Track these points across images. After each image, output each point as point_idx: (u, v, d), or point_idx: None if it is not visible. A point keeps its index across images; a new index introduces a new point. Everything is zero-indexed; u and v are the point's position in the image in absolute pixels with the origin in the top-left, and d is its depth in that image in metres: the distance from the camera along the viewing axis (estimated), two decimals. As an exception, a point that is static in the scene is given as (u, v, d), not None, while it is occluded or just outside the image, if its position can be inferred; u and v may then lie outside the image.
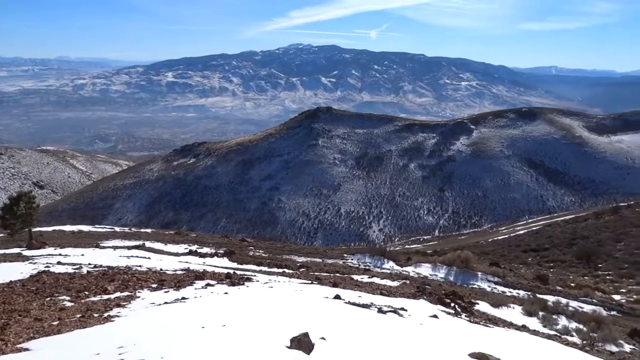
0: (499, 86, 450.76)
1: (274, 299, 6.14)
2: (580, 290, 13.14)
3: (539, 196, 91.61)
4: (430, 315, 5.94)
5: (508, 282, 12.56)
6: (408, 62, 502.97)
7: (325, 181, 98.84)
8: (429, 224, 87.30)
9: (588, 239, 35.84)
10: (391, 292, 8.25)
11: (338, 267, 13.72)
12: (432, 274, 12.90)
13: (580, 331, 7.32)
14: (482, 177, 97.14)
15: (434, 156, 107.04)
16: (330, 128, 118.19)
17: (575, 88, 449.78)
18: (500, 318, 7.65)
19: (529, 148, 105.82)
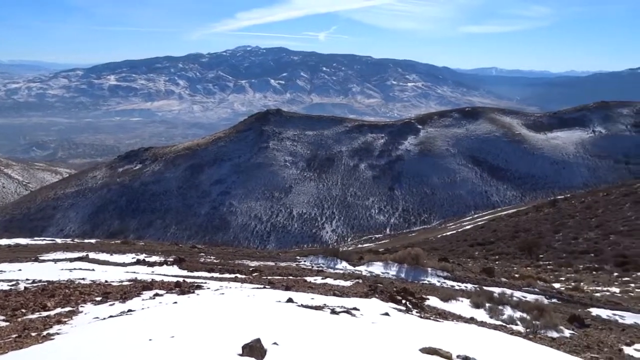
0: (444, 87, 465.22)
1: (225, 305, 6.02)
2: (523, 281, 13.71)
3: (483, 192, 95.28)
4: (382, 313, 6.01)
5: (456, 276, 12.93)
6: (356, 64, 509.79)
7: (276, 184, 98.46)
8: (380, 222, 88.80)
9: (529, 231, 37.58)
10: (344, 292, 8.29)
11: (291, 269, 13.66)
12: (384, 272, 13.08)
13: (524, 320, 7.63)
14: (430, 175, 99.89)
15: (384, 156, 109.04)
16: (281, 130, 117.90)
17: (514, 88, 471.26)
18: (449, 312, 7.85)
19: (473, 146, 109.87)
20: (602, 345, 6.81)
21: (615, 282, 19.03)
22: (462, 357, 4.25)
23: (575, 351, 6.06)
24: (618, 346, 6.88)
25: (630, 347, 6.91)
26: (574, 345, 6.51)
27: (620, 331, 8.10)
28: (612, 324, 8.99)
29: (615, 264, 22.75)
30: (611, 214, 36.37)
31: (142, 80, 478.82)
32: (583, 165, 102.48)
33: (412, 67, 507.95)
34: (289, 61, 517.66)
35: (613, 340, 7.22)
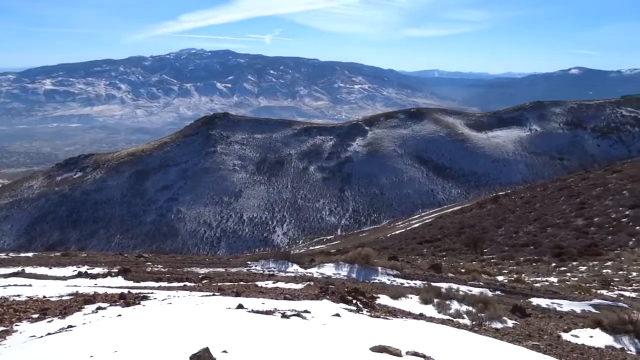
0: (389, 89, 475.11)
1: (172, 315, 5.84)
2: (469, 275, 14.18)
3: (430, 190, 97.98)
4: (333, 314, 6.03)
5: (406, 273, 13.18)
6: (303, 67, 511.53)
7: (225, 188, 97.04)
8: (331, 224, 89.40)
9: (474, 227, 39.00)
10: (295, 295, 8.26)
11: (242, 275, 13.47)
12: (335, 273, 13.15)
13: (470, 313, 7.87)
14: (378, 176, 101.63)
15: (333, 158, 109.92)
16: (229, 134, 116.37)
17: (456, 89, 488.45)
18: (399, 309, 7.99)
19: (419, 146, 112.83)
20: (542, 332, 7.13)
21: (553, 272, 20.07)
22: (411, 353, 4.33)
23: (517, 340, 6.31)
24: (557, 333, 7.23)
25: (568, 333, 7.28)
26: (516, 334, 6.78)
27: (558, 318, 8.53)
28: (551, 312, 9.44)
29: (552, 255, 24.00)
30: (548, 208, 38.35)
31: (81, 84, 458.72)
32: (522, 162, 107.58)
33: (359, 70, 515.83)
34: (235, 64, 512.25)
35: (552, 327, 7.58)
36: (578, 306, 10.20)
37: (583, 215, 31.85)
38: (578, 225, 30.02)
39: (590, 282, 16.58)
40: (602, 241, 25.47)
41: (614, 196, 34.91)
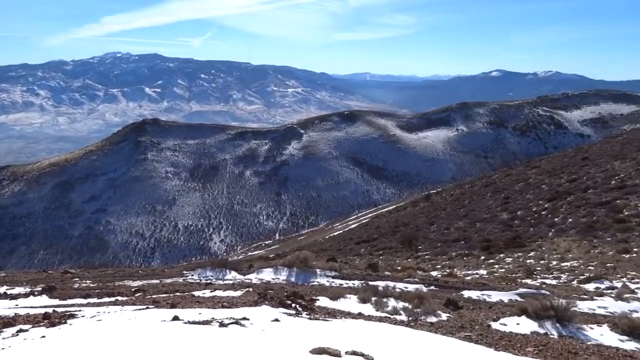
0: (322, 92, 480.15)
1: (102, 333, 5.54)
2: (405, 272, 14.59)
3: (365, 191, 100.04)
4: (272, 319, 5.98)
5: (344, 274, 13.33)
6: (235, 71, 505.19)
7: (158, 197, 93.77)
8: (269, 228, 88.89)
9: (408, 225, 40.24)
10: (233, 303, 8.11)
11: (178, 285, 13.05)
12: (274, 277, 13.06)
13: (406, 309, 8.08)
14: (314, 178, 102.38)
15: (269, 162, 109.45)
16: (160, 140, 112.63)
17: (387, 92, 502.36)
18: (338, 310, 8.05)
19: (353, 148, 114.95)
20: (474, 323, 7.44)
21: (482, 265, 21.09)
22: (350, 352, 4.38)
23: (451, 332, 6.56)
24: (487, 322, 7.57)
25: (497, 322, 7.65)
26: (450, 326, 7.04)
27: (488, 309, 8.94)
28: (481, 303, 9.90)
29: (481, 249, 25.22)
30: (476, 204, 40.32)
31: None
32: (450, 161, 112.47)
33: (291, 73, 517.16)
34: (164, 68, 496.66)
35: (482, 317, 7.93)
36: (505, 296, 10.78)
37: (508, 210, 33.76)
38: (503, 219, 31.78)
39: (515, 272, 17.59)
40: (525, 233, 27.12)
41: (534, 190, 37.31)
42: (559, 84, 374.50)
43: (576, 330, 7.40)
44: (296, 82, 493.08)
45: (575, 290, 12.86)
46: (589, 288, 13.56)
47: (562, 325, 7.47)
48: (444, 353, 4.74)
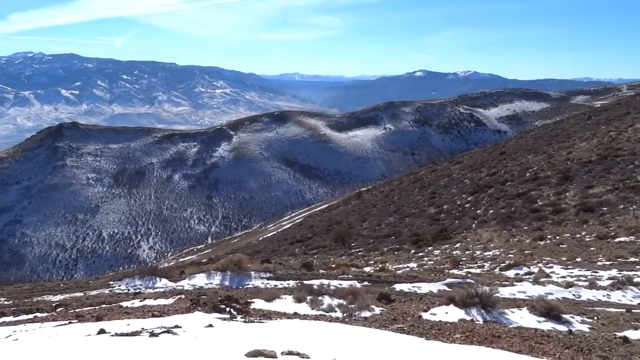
0: (251, 92, 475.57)
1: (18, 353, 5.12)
2: (339, 270, 14.79)
3: (298, 191, 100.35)
4: (205, 325, 5.83)
5: (279, 275, 13.29)
6: (160, 71, 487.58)
7: (79, 205, 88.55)
8: (201, 232, 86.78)
9: (341, 223, 40.85)
10: (164, 311, 7.83)
11: (104, 297, 12.40)
12: (207, 282, 12.76)
13: (341, 306, 8.19)
14: (246, 180, 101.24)
15: (198, 164, 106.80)
16: (79, 145, 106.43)
17: (316, 92, 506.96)
18: (274, 311, 8.01)
19: (284, 148, 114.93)
20: (406, 315, 7.68)
21: (412, 258, 21.85)
22: (286, 353, 4.37)
23: (384, 325, 6.73)
24: (418, 313, 7.84)
25: (427, 312, 7.94)
26: (383, 320, 7.22)
27: (419, 300, 9.26)
28: (413, 295, 10.24)
29: (411, 243, 26.12)
30: (405, 200, 41.70)
31: None
32: (380, 159, 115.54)
33: (219, 74, 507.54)
34: (83, 69, 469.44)
35: (414, 309, 8.19)
36: (434, 287, 11.23)
37: (434, 204, 35.23)
38: (431, 213, 33.12)
39: (443, 263, 18.38)
40: (451, 226, 28.44)
41: (458, 185, 39.21)
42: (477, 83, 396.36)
43: (499, 315, 7.85)
44: (224, 82, 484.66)
45: (497, 278, 13.65)
46: (509, 275, 14.45)
47: (486, 311, 7.90)
48: (377, 346, 4.84)
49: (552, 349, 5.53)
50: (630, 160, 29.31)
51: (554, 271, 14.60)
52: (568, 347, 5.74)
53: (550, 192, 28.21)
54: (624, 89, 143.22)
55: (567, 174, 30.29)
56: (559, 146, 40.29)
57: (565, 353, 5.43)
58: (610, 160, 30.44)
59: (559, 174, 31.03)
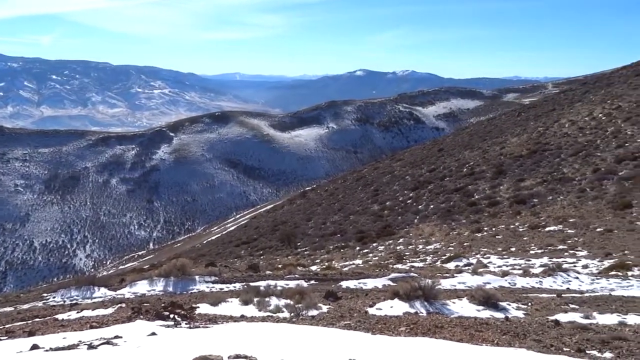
0: (191, 93, 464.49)
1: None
2: (285, 270, 14.76)
3: (242, 192, 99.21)
4: (148, 334, 5.64)
5: (225, 278, 13.09)
6: (93, 71, 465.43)
7: (7, 214, 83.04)
8: (142, 238, 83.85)
9: (287, 223, 40.79)
10: (104, 321, 7.50)
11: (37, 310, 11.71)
12: (150, 289, 12.36)
13: (288, 306, 8.18)
14: (188, 183, 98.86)
15: (137, 168, 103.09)
16: (5, 150, 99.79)
17: (258, 92, 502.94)
18: (220, 315, 7.89)
19: (227, 149, 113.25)
20: (353, 311, 7.78)
21: (358, 255, 22.19)
22: (234, 356, 4.30)
23: (331, 322, 6.79)
24: (364, 309, 7.97)
25: (373, 308, 8.09)
26: (330, 317, 7.28)
27: (364, 296, 9.41)
28: (359, 291, 10.39)
29: (356, 240, 26.52)
30: (349, 198, 42.25)
31: None
32: (323, 158, 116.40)
33: (157, 74, 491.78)
34: (6, 69, 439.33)
35: (360, 305, 8.32)
36: (379, 282, 11.46)
37: (378, 201, 35.93)
38: (374, 210, 33.75)
39: (388, 259, 18.80)
40: (394, 222, 29.12)
41: (399, 181, 40.21)
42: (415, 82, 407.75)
43: (441, 306, 8.13)
44: (162, 83, 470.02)
45: (439, 270, 14.12)
46: (450, 267, 15.00)
47: (429, 303, 8.16)
48: (324, 343, 4.88)
49: (490, 336, 5.79)
50: (556, 153, 31.23)
51: (491, 261, 15.31)
52: (505, 333, 6.03)
53: (486, 186, 29.54)
54: (549, 87, 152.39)
55: (500, 169, 31.83)
56: (492, 142, 42.26)
57: (502, 339, 5.70)
58: (539, 154, 32.29)
59: (493, 168, 32.55)
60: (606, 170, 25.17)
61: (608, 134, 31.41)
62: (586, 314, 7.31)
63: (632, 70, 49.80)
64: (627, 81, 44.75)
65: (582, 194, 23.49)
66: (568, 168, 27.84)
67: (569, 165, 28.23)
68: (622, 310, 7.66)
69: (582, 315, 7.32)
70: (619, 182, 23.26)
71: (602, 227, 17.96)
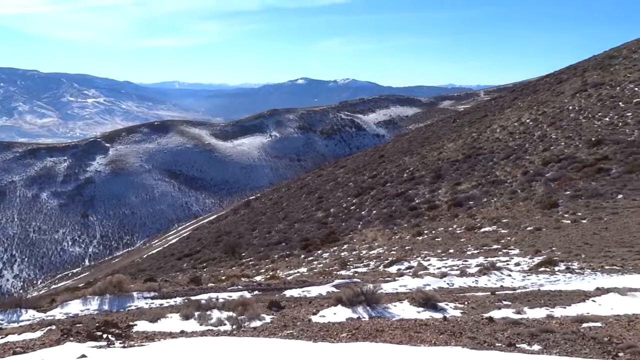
0: (128, 102, 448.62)
1: None
2: (228, 281, 14.49)
3: (184, 204, 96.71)
4: (77, 357, 5.34)
5: (165, 293, 12.65)
6: (19, 79, 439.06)
7: None
8: (76, 255, 79.68)
9: (230, 233, 40.17)
10: (29, 346, 7.03)
11: (-45, 338, 10.77)
12: (83, 309, 11.71)
13: (231, 318, 8.02)
14: (127, 195, 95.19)
15: (70, 181, 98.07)
16: None
17: (198, 100, 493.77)
18: (159, 332, 7.61)
19: (167, 159, 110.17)
20: (296, 320, 7.75)
21: (303, 263, 22.18)
22: (170, 375, 4.16)
23: (274, 333, 6.73)
24: (308, 317, 7.95)
25: (317, 315, 8.10)
26: (273, 327, 7.21)
27: (308, 304, 9.40)
28: (302, 300, 10.37)
29: (301, 248, 26.52)
30: (293, 206, 42.23)
31: None
32: (267, 167, 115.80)
33: (90, 82, 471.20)
34: None
35: (304, 313, 8.30)
36: (323, 289, 11.49)
37: (322, 208, 36.16)
38: (319, 217, 33.93)
39: (332, 265, 18.91)
40: (339, 228, 29.40)
41: (343, 188, 40.68)
42: (356, 90, 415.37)
43: (383, 310, 8.26)
44: (97, 91, 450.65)
45: (381, 274, 14.37)
46: (392, 270, 15.30)
47: (371, 308, 8.27)
48: (264, 354, 4.82)
49: (429, 336, 5.95)
50: (489, 157, 32.78)
51: (431, 263, 15.77)
52: (443, 332, 6.21)
53: (425, 191, 30.49)
54: (481, 94, 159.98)
55: (439, 173, 32.98)
56: (430, 147, 43.73)
57: (440, 338, 5.86)
58: (473, 159, 33.76)
59: (432, 173, 33.66)
60: (534, 172, 26.69)
61: (535, 138, 33.35)
62: (517, 310, 7.68)
63: (555, 78, 53.26)
64: (551, 88, 47.80)
65: (514, 195, 24.76)
66: (500, 171, 29.28)
67: (501, 169, 29.70)
68: (549, 304, 8.11)
69: (514, 310, 7.68)
70: (546, 183, 24.73)
71: (532, 226, 18.98)
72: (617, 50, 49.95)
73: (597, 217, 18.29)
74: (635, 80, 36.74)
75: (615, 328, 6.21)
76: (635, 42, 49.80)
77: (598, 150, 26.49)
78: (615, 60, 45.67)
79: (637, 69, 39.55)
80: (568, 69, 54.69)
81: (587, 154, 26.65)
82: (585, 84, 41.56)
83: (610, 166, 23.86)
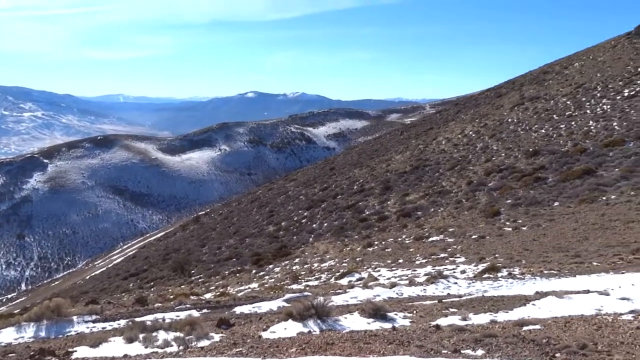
0: (69, 115, 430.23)
1: None
2: (176, 300, 14.04)
3: (129, 221, 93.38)
4: (9, 389, 4.99)
5: (107, 316, 12.08)
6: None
7: None
8: (11, 279, 74.99)
9: (179, 250, 39.09)
10: (-45, 381, 6.53)
11: None
12: (17, 337, 10.97)
13: (178, 338, 7.78)
14: (67, 213, 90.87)
15: (4, 199, 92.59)
16: None
17: (144, 114, 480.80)
18: (101, 357, 7.28)
19: (111, 175, 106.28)
20: (246, 337, 7.61)
21: (254, 278, 21.87)
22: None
23: (222, 352, 6.57)
24: (258, 334, 7.83)
25: (267, 331, 7.99)
26: (222, 346, 7.04)
27: (258, 320, 9.26)
28: (253, 316, 10.20)
29: (252, 263, 26.17)
30: (244, 220, 41.72)
31: None
32: (217, 181, 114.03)
33: (27, 95, 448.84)
34: None
35: (254, 330, 8.17)
36: (274, 304, 11.36)
37: (273, 222, 35.92)
38: (270, 231, 33.67)
39: (283, 280, 18.77)
40: (290, 242, 29.28)
41: (294, 201, 40.63)
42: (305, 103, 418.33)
43: (334, 322, 8.26)
44: (34, 105, 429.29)
45: (332, 287, 14.38)
46: (343, 282, 15.36)
47: (322, 321, 8.24)
48: (210, 376, 4.69)
49: (377, 347, 5.99)
50: (436, 169, 33.78)
51: (381, 274, 15.96)
52: (391, 342, 6.28)
53: (375, 202, 30.96)
54: (427, 108, 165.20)
55: (387, 184, 33.61)
56: (379, 159, 44.57)
57: (388, 348, 5.92)
58: (420, 170, 34.67)
59: (381, 184, 34.25)
60: (478, 182, 27.72)
61: (478, 149, 34.72)
62: (463, 316, 7.89)
63: (495, 92, 55.85)
64: (491, 102, 50.08)
65: (459, 204, 25.59)
66: (446, 181, 30.22)
67: (446, 179, 30.65)
68: (493, 309, 8.39)
69: (459, 317, 7.88)
70: (489, 192, 25.73)
71: (476, 234, 19.65)
72: (550, 66, 53.15)
73: (536, 224, 19.18)
74: (567, 94, 39.13)
75: (553, 330, 6.50)
76: (566, 59, 53.23)
77: (535, 160, 27.90)
78: (549, 76, 48.52)
79: (568, 83, 42.17)
80: (507, 83, 57.58)
81: (526, 164, 28.01)
82: (523, 97, 43.87)
83: (547, 175, 25.17)
